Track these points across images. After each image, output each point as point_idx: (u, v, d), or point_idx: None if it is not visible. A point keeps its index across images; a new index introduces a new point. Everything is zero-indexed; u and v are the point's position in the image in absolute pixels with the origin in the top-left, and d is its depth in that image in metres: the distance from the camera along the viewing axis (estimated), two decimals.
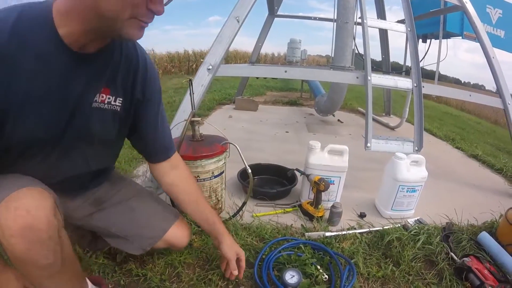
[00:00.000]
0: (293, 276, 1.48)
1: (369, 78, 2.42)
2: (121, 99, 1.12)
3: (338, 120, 5.45)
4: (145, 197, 1.48)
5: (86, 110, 1.04)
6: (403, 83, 2.57)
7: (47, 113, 0.95)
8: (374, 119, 5.57)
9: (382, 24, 2.80)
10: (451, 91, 3.04)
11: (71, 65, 0.95)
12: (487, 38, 2.86)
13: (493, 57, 2.84)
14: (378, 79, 2.47)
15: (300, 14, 6.49)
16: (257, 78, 7.77)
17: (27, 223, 0.82)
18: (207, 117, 4.81)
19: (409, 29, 2.73)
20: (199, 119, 1.87)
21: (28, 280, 1.00)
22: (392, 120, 5.48)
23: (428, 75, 4.06)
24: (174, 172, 1.40)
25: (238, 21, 2.33)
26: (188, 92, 1.91)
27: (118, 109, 1.13)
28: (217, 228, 1.42)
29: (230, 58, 18.83)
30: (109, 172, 1.45)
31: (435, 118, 7.75)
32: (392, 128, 5.14)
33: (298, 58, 8.59)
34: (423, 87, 2.59)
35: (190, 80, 1.87)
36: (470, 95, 2.98)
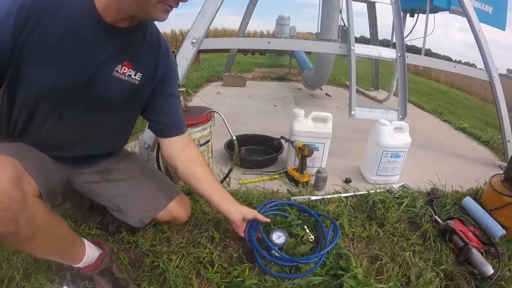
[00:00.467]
0: (280, 236, 1.50)
1: (352, 48, 2.44)
2: (140, 74, 1.22)
3: (326, 94, 5.46)
4: (150, 174, 1.54)
5: (106, 77, 1.13)
6: (387, 53, 2.60)
7: (70, 70, 1.05)
8: (362, 93, 5.62)
9: None
10: (436, 62, 3.07)
11: (102, 34, 1.06)
12: (473, 12, 2.87)
13: (479, 31, 2.86)
14: (361, 49, 2.49)
15: None
16: (245, 54, 7.73)
17: None
18: (195, 94, 4.79)
19: (393, 1, 2.74)
20: (183, 89, 1.88)
21: None
22: (381, 94, 5.52)
23: (418, 52, 4.08)
24: (189, 148, 1.48)
25: None
26: None
27: (137, 83, 1.22)
28: (231, 202, 1.49)
29: (218, 36, 18.63)
30: (119, 149, 1.54)
31: (424, 93, 7.81)
32: (380, 101, 5.18)
33: (286, 34, 8.52)
34: (407, 57, 2.62)
35: (174, 52, 1.88)
36: (455, 66, 3.02)
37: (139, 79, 1.22)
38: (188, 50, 2.28)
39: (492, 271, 1.46)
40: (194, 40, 2.28)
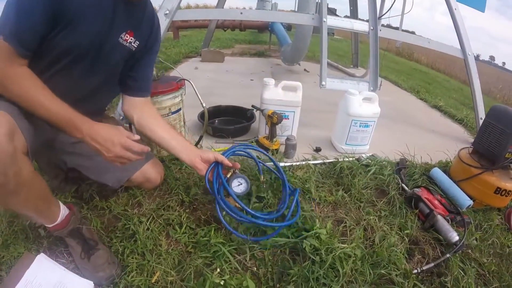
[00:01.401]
0: (241, 183, 1.48)
1: (324, 19, 2.46)
2: (138, 42, 1.41)
3: (305, 69, 5.48)
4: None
5: (113, 40, 1.30)
6: (359, 25, 2.63)
7: (93, 32, 1.20)
8: (341, 70, 5.66)
9: None
10: (409, 37, 3.11)
11: (118, 6, 1.23)
12: None
13: (455, 9, 2.91)
14: (333, 21, 2.52)
15: None
16: (225, 30, 7.63)
17: None
18: (173, 70, 4.75)
19: None
20: (161, 60, 1.90)
21: None
22: (359, 72, 5.56)
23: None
24: (149, 108, 1.59)
25: None
26: None
27: (133, 49, 1.40)
28: (192, 148, 1.52)
29: None
30: (105, 115, 1.71)
31: (403, 73, 7.87)
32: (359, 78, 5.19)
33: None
34: (380, 30, 2.66)
35: None
36: (429, 42, 3.06)
37: (136, 46, 1.40)
38: (162, 22, 2.27)
39: (457, 238, 1.52)
40: (167, 12, 2.28)
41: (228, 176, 1.46)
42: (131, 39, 1.36)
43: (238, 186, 1.46)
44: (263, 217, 1.40)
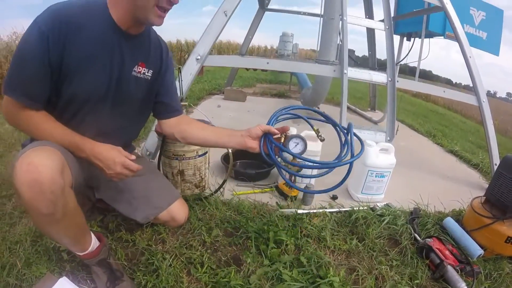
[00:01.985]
0: (297, 143, 1.45)
1: (345, 71, 2.59)
2: (151, 71, 1.46)
3: (323, 112, 5.56)
4: (157, 175, 1.76)
5: (127, 76, 1.36)
6: (378, 77, 2.74)
7: (100, 74, 1.27)
8: (359, 114, 5.73)
9: (361, 21, 2.95)
10: (425, 87, 3.22)
11: (121, 41, 1.29)
12: (465, 38, 3.01)
13: (470, 57, 2.99)
14: (354, 73, 2.64)
15: (289, 8, 6.55)
16: (247, 70, 7.85)
17: (34, 177, 1.00)
18: (197, 106, 4.91)
19: (387, 27, 2.89)
20: (186, 103, 2.03)
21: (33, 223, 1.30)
22: (377, 115, 5.62)
23: (420, 74, 4.22)
24: (183, 121, 1.64)
25: (226, 15, 2.47)
26: (178, 79, 2.07)
27: (149, 78, 1.46)
28: (236, 133, 1.52)
29: (223, 49, 18.83)
30: (133, 147, 1.78)
31: (420, 115, 7.88)
32: (375, 122, 5.30)
33: (289, 51, 8.59)
34: (397, 81, 2.77)
35: (179, 68, 2.03)
36: (444, 91, 3.15)
37: (150, 75, 1.46)
38: (193, 66, 2.43)
39: None
40: (199, 57, 2.43)
41: (283, 141, 1.43)
42: (144, 69, 1.42)
43: (296, 146, 1.44)
44: (330, 163, 1.38)
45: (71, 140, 1.23)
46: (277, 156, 1.42)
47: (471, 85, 3.07)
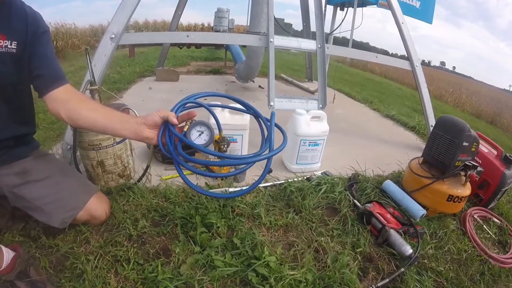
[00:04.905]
0: (202, 132, 1.23)
1: (271, 40, 2.50)
2: (16, 42, 1.26)
3: (259, 86, 5.52)
4: (68, 173, 1.58)
5: None
6: (307, 44, 2.69)
7: None
8: (296, 85, 5.74)
9: None
10: (357, 53, 3.20)
11: None
12: (397, 4, 3.04)
13: (402, 23, 3.04)
14: (280, 41, 2.55)
15: None
16: (181, 48, 7.59)
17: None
18: (127, 90, 4.65)
19: None
20: (97, 87, 1.84)
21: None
22: (313, 85, 5.64)
23: (357, 45, 4.27)
24: (71, 96, 1.38)
25: None
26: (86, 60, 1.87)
27: (15, 51, 1.26)
28: (131, 119, 1.26)
29: (158, 30, 18.17)
30: (30, 142, 1.56)
31: (357, 84, 8.11)
32: (312, 92, 5.32)
33: (225, 27, 8.45)
34: (327, 48, 2.72)
35: (87, 49, 1.83)
36: (376, 57, 3.17)
37: (15, 47, 1.26)
38: (107, 46, 2.22)
39: (410, 251, 1.55)
40: (113, 36, 2.23)
41: (185, 130, 1.20)
42: (6, 42, 1.23)
43: (200, 136, 1.22)
44: (242, 158, 1.20)
45: None
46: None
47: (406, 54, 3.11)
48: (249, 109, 1.40)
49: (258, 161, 1.17)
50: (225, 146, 1.96)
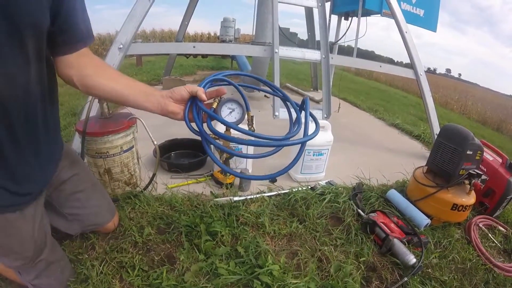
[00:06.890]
0: (232, 110, 1.18)
1: (276, 50, 2.52)
2: None
3: (265, 95, 5.55)
4: (96, 187, 1.56)
5: None
6: (311, 54, 2.70)
7: None
8: (300, 93, 5.75)
9: (292, 0, 2.88)
10: (361, 62, 3.20)
11: None
12: (401, 14, 3.05)
13: (406, 32, 3.05)
14: (285, 51, 2.58)
15: None
16: (187, 57, 7.66)
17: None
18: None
19: (319, 4, 2.85)
20: None
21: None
22: (318, 95, 5.65)
23: (362, 54, 4.28)
24: (88, 59, 1.12)
25: (149, 0, 2.31)
26: None
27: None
28: (156, 92, 1.12)
29: (165, 38, 18.31)
30: (60, 146, 1.31)
31: (362, 92, 8.10)
32: (317, 102, 5.32)
33: (231, 37, 8.53)
34: (332, 58, 2.74)
35: None
36: (380, 66, 3.18)
37: None
38: (115, 56, 2.26)
39: (414, 260, 1.54)
40: (121, 46, 2.27)
41: (214, 106, 1.11)
42: None
43: (231, 114, 1.17)
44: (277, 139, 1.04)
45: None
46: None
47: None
48: (276, 92, 1.33)
49: (293, 144, 1.06)
50: (253, 126, 1.76)
